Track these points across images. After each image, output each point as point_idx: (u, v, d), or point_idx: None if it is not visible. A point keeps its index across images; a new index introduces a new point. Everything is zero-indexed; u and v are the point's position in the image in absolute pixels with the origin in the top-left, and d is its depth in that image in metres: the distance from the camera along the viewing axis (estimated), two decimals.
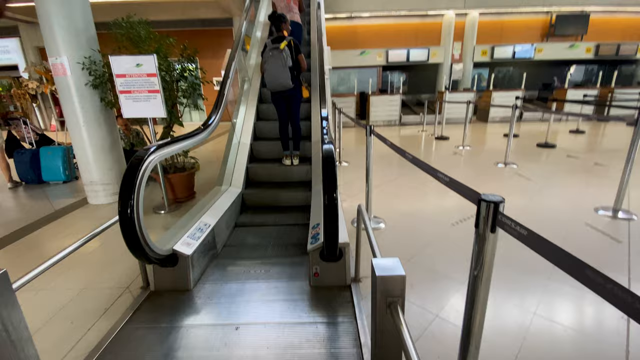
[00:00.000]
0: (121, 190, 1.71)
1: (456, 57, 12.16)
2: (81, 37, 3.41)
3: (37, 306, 2.07)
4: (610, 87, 10.34)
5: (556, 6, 11.26)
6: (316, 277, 2.10)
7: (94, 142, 3.65)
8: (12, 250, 2.86)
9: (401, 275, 1.03)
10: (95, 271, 2.42)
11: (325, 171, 1.72)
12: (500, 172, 4.75)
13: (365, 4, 10.77)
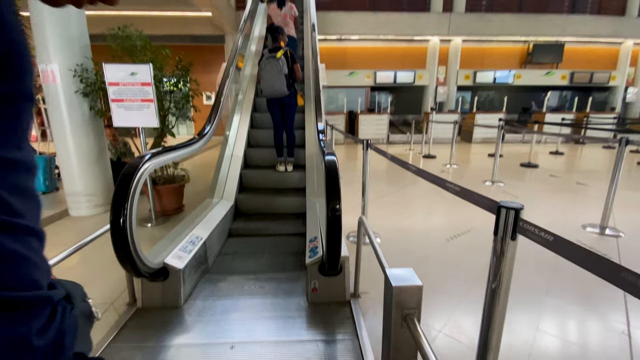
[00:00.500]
0: (114, 199, 1.63)
1: (441, 80, 12.62)
2: (74, 45, 3.35)
3: None
4: (585, 112, 10.90)
5: (533, 36, 11.96)
6: (314, 292, 2.03)
7: (80, 151, 3.51)
8: None
9: (418, 286, 1.00)
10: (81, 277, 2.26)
11: (329, 183, 1.69)
12: (488, 190, 4.84)
13: (354, 28, 11.14)
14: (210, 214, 2.87)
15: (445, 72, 12.55)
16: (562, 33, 11.68)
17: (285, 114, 3.52)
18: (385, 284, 1.07)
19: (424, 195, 4.64)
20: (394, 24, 11.27)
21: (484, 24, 11.52)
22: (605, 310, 2.03)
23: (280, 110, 3.50)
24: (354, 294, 2.10)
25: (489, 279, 1.01)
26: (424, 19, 11.47)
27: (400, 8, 11.96)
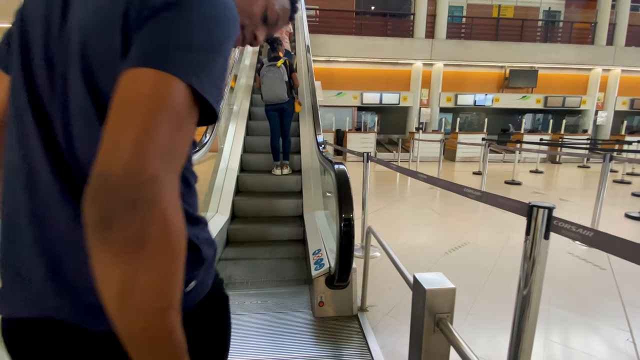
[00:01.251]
0: None
1: (424, 101, 13.08)
2: None
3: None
4: (560, 134, 11.48)
5: (509, 62, 12.70)
6: (321, 306, 1.97)
7: None
8: None
9: (451, 288, 0.98)
10: None
11: (340, 193, 1.68)
12: (478, 205, 4.94)
13: (342, 50, 11.50)
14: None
15: (428, 94, 13.03)
16: (536, 60, 12.46)
17: (282, 120, 3.69)
18: (415, 289, 1.05)
19: (416, 209, 4.69)
20: (380, 48, 11.72)
21: (463, 50, 12.15)
22: (604, 316, 2.06)
23: (279, 116, 3.66)
24: (362, 307, 2.05)
25: (519, 287, 1.00)
26: (407, 44, 12.00)
27: (385, 33, 12.50)
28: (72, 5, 0.42)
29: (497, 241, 3.38)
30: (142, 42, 0.37)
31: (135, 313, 0.33)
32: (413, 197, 5.53)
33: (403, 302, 2.18)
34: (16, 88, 0.46)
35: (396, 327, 1.92)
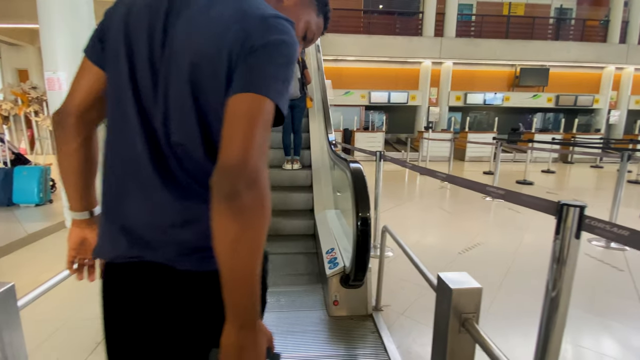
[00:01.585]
0: None
1: (433, 100, 12.97)
2: None
3: None
4: (572, 133, 11.28)
5: (519, 61, 12.52)
6: (335, 305, 1.96)
7: None
8: None
9: (477, 288, 0.96)
10: (82, 300, 2.13)
11: (357, 192, 1.67)
12: (489, 206, 4.88)
13: (350, 49, 11.45)
14: None
15: (437, 93, 12.91)
16: (547, 58, 12.26)
17: (294, 115, 3.71)
18: (439, 289, 1.03)
19: (426, 208, 4.65)
20: (388, 46, 11.64)
21: (473, 48, 12.01)
22: (623, 317, 2.01)
23: (291, 112, 3.68)
24: (376, 306, 2.03)
25: (547, 288, 0.98)
26: (416, 42, 11.90)
27: (393, 32, 12.42)
28: (175, 27, 0.56)
29: (511, 241, 3.34)
30: (244, 74, 0.53)
31: (241, 255, 0.48)
32: (423, 197, 5.49)
33: (419, 302, 2.16)
34: (119, 84, 0.59)
35: (412, 326, 1.90)
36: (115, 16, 0.60)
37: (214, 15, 0.56)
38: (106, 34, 0.61)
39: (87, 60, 0.65)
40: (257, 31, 0.54)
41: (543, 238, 3.50)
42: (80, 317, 1.97)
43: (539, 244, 3.33)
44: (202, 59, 0.55)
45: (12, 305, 0.93)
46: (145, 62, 0.57)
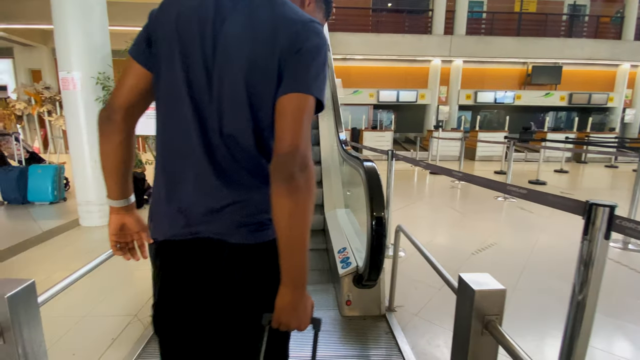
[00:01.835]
0: None
1: (442, 99, 12.83)
2: (97, 53, 3.37)
3: None
4: (586, 132, 11.06)
5: (531, 58, 12.29)
6: (348, 305, 1.94)
7: (95, 159, 3.45)
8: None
9: (501, 289, 0.94)
10: (97, 296, 2.16)
11: (371, 190, 1.65)
12: (501, 205, 4.81)
13: (359, 48, 11.39)
14: None
15: (447, 91, 12.77)
16: (560, 56, 12.02)
17: None
18: (461, 290, 1.01)
19: (437, 208, 4.59)
20: (397, 45, 11.55)
21: (484, 46, 11.84)
22: None
23: None
24: (389, 307, 2.01)
25: (573, 291, 0.95)
26: (425, 40, 11.78)
27: (402, 30, 12.32)
28: (223, 32, 0.64)
29: (526, 242, 3.27)
30: (292, 74, 0.63)
31: (296, 226, 0.59)
32: (433, 196, 5.43)
33: (433, 302, 2.13)
34: (174, 83, 0.66)
35: (426, 328, 1.88)
36: (163, 21, 0.67)
37: (261, 20, 0.64)
38: (155, 38, 0.68)
39: (133, 61, 0.70)
40: (301, 35, 0.64)
41: (558, 238, 3.43)
42: (97, 313, 1.99)
43: (555, 245, 3.26)
44: (256, 59, 0.64)
45: (32, 301, 0.93)
46: (199, 64, 0.65)
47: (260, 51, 0.63)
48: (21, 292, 0.89)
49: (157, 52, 0.68)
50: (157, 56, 0.68)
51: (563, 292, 2.28)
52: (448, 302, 2.14)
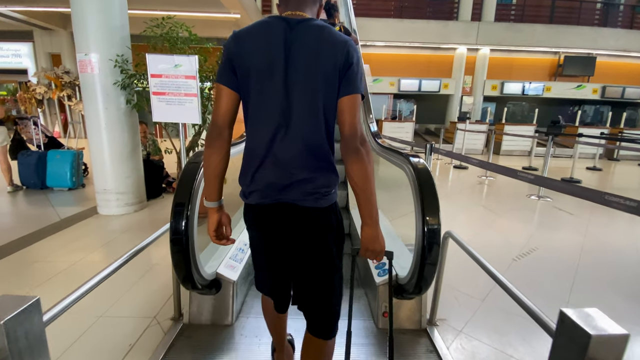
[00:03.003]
0: (176, 196, 1.40)
1: (467, 90, 12.29)
2: (116, 35, 3.21)
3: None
4: (619, 127, 10.42)
5: (563, 48, 11.58)
6: (385, 317, 1.75)
7: (114, 146, 3.34)
8: (9, 263, 2.46)
9: (624, 335, 0.72)
10: (113, 296, 2.04)
11: (423, 192, 1.43)
12: (534, 205, 4.50)
13: (380, 34, 10.96)
14: None
15: (472, 82, 12.23)
16: (594, 46, 11.28)
17: None
18: (563, 330, 0.79)
19: (467, 207, 4.33)
20: (420, 31, 11.06)
21: (513, 33, 11.21)
22: None
23: None
24: (431, 320, 1.82)
25: None
26: (451, 27, 11.23)
27: (426, 16, 11.76)
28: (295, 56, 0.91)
29: (571, 246, 3.00)
30: (348, 81, 0.92)
31: (367, 181, 0.90)
32: (462, 193, 5.14)
33: (477, 316, 1.93)
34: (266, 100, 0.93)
35: (475, 347, 1.67)
36: (242, 53, 0.92)
37: (323, 43, 0.90)
38: (238, 67, 0.92)
39: (224, 87, 0.94)
40: (349, 53, 0.90)
41: (604, 243, 3.14)
42: (112, 313, 1.87)
43: (602, 250, 2.98)
44: (326, 74, 0.90)
45: (36, 323, 0.76)
46: (281, 83, 0.91)
47: (328, 67, 0.89)
48: (22, 314, 0.73)
49: (243, 77, 0.92)
50: (245, 80, 0.92)
51: (625, 310, 2.04)
52: (493, 316, 1.93)
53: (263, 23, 0.93)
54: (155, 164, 4.16)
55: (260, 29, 0.92)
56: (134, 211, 3.54)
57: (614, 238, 3.33)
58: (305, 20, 0.93)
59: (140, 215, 3.49)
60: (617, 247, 3.09)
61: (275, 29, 0.91)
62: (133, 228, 3.16)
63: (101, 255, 2.61)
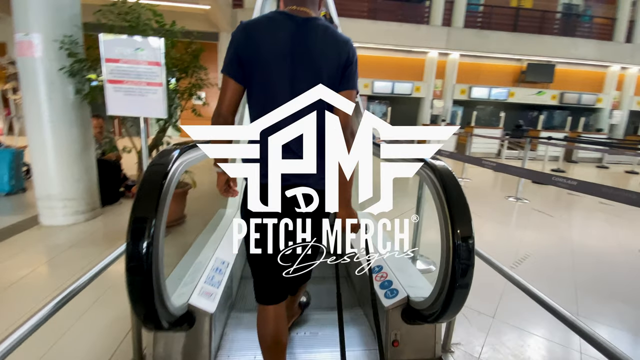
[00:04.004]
0: (135, 210, 1.04)
1: (437, 93, 12.52)
2: (63, 12, 2.72)
3: None
4: (577, 132, 11.05)
5: (527, 55, 12.15)
6: (395, 347, 1.49)
7: (60, 144, 2.82)
8: None
9: None
10: (56, 331, 1.61)
11: (451, 201, 1.19)
12: (512, 207, 4.50)
13: (354, 35, 10.70)
14: (231, 229, 2.28)
15: (442, 85, 12.48)
16: (555, 54, 11.93)
17: None
18: None
19: None
20: (394, 34, 11.11)
21: (481, 40, 11.58)
22: None
23: None
24: (445, 346, 1.58)
25: None
26: (423, 30, 11.38)
27: (398, 18, 11.84)
28: (303, 51, 0.99)
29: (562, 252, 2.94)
30: (347, 77, 1.03)
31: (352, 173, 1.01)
32: None
33: (492, 337, 1.72)
34: (273, 89, 1.00)
35: None
36: (250, 44, 0.97)
37: (328, 42, 1.00)
38: (246, 59, 0.98)
39: (230, 79, 1.01)
40: (350, 53, 1.02)
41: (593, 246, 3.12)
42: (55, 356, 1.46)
43: (595, 254, 2.94)
44: (330, 69, 1.00)
45: None
46: (287, 77, 0.99)
47: (332, 63, 0.99)
48: None
49: (250, 69, 0.99)
50: (250, 71, 0.99)
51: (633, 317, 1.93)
52: (509, 335, 1.74)
53: (270, 18, 0.99)
54: (112, 164, 3.65)
55: (268, 23, 0.98)
56: (85, 220, 3.04)
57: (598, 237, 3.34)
58: (310, 19, 1.00)
59: (93, 226, 2.99)
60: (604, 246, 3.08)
61: (283, 25, 0.98)
62: (84, 241, 2.67)
63: (42, 278, 2.14)
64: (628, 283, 2.46)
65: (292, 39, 0.96)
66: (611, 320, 1.97)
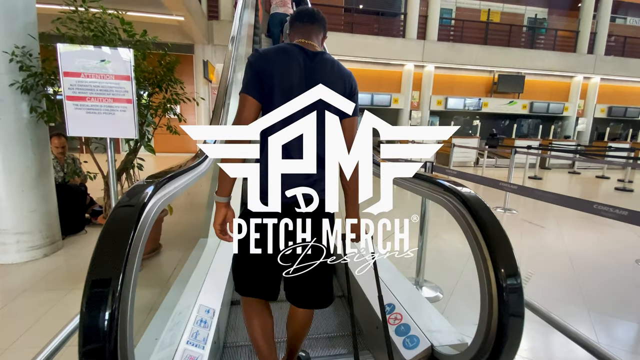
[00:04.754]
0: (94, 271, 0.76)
1: (415, 104, 12.71)
2: (17, 20, 2.38)
3: None
4: (549, 139, 11.46)
5: (497, 67, 12.62)
6: None
7: (11, 170, 2.44)
8: None
9: None
10: None
11: (487, 234, 1.00)
12: (503, 218, 4.44)
13: (332, 48, 10.78)
14: (214, 264, 2.00)
15: (419, 96, 12.69)
16: (523, 65, 12.47)
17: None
18: None
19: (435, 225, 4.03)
20: (371, 47, 11.25)
21: (454, 52, 11.92)
22: None
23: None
24: None
25: None
26: (399, 44, 11.59)
27: (375, 32, 12.02)
28: (312, 80, 1.07)
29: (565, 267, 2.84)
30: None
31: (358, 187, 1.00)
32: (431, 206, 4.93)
33: None
34: (295, 113, 1.01)
35: None
36: (270, 71, 1.06)
37: (335, 75, 1.12)
38: (266, 83, 1.06)
39: (250, 97, 1.07)
40: (353, 84, 1.17)
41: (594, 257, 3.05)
42: None
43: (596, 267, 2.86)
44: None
45: None
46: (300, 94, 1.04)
47: (339, 93, 1.05)
48: None
49: (268, 92, 1.06)
50: (269, 95, 1.07)
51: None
52: None
53: (283, 49, 1.10)
54: (75, 189, 3.26)
55: (283, 54, 1.09)
56: (43, 256, 2.64)
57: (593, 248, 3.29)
58: (318, 53, 1.12)
59: (52, 262, 2.60)
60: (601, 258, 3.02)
61: (297, 57, 1.09)
62: (41, 283, 2.29)
63: None
64: (632, 299, 2.37)
65: (305, 69, 1.08)
66: (625, 341, 1.85)
